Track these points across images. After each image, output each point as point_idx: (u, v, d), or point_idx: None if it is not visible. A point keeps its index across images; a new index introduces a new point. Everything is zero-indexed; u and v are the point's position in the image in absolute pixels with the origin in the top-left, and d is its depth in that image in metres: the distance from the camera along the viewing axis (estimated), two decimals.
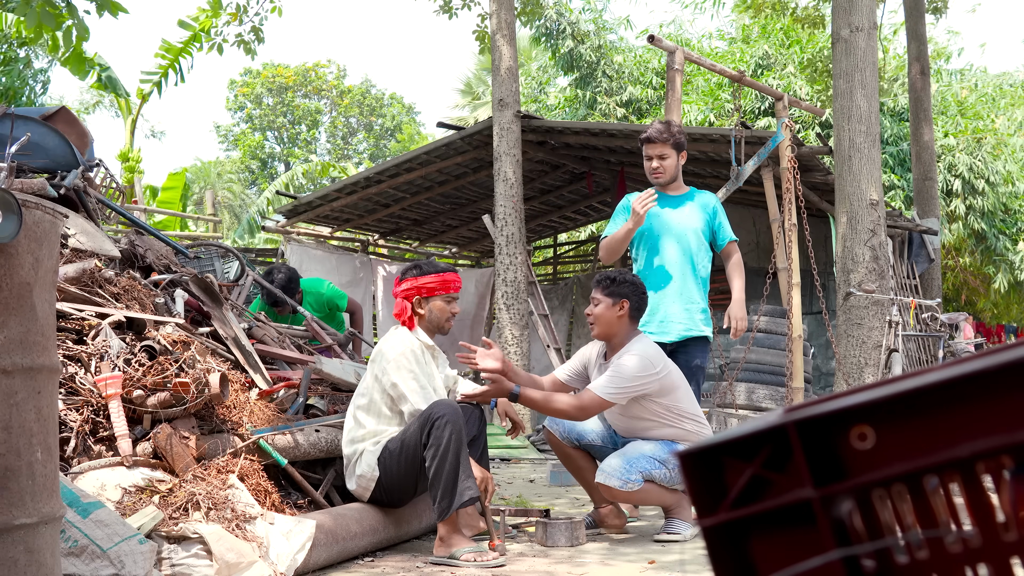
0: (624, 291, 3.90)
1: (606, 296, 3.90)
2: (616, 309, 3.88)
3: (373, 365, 3.69)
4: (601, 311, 3.90)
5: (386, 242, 13.43)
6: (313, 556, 3.08)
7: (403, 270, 3.86)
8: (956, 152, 13.52)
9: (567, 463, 4.17)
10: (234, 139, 35.16)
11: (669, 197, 4.58)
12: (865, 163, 7.09)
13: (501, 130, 8.74)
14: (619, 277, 3.95)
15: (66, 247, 3.74)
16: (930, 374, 0.70)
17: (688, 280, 4.49)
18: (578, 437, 4.06)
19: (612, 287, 3.91)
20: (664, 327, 4.43)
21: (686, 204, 4.56)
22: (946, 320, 8.63)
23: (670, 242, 4.49)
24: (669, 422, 3.89)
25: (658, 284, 4.47)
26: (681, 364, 4.29)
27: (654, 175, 4.55)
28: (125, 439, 3.04)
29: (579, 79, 16.84)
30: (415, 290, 3.75)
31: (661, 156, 4.51)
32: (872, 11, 7.30)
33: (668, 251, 4.49)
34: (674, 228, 4.50)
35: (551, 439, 4.13)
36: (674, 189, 4.60)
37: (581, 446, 4.08)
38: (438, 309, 3.76)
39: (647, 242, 4.53)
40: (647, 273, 4.50)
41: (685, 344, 4.44)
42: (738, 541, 0.76)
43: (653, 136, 4.50)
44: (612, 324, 3.89)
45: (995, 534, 0.69)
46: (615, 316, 3.88)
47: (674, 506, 3.90)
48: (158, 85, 14.16)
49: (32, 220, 1.96)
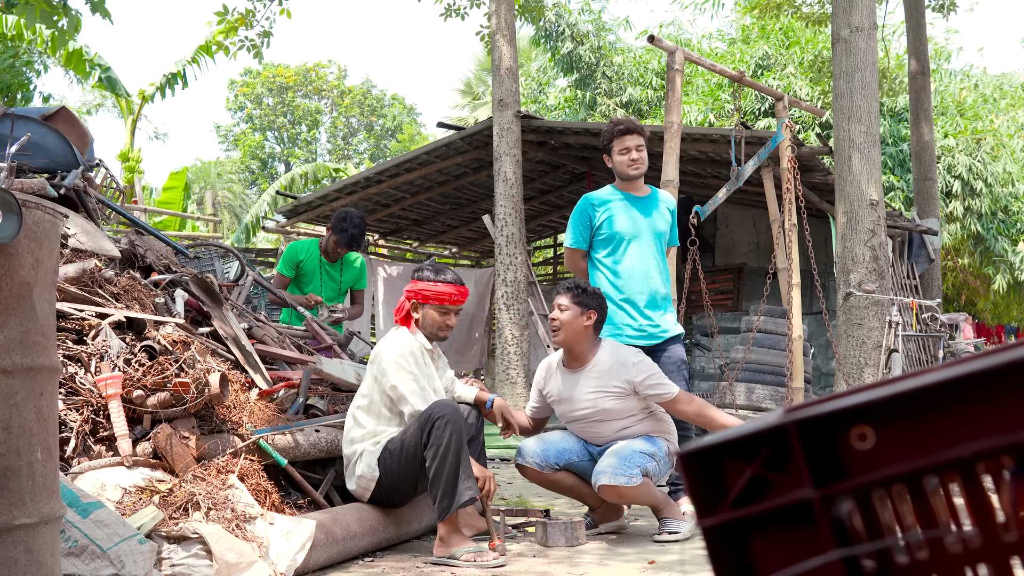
0: (593, 303, 3.95)
1: (575, 304, 3.93)
2: (584, 319, 3.92)
3: (372, 366, 3.69)
4: (569, 318, 3.92)
5: (386, 242, 13.43)
6: (313, 556, 3.08)
7: (417, 268, 3.89)
8: (955, 153, 13.51)
9: (553, 487, 4.11)
10: (234, 139, 35.16)
11: (637, 198, 4.51)
12: (865, 163, 7.09)
13: (501, 130, 8.74)
14: (589, 288, 4.00)
15: (66, 247, 3.74)
16: (930, 374, 0.70)
17: (660, 282, 4.47)
18: (556, 459, 4.01)
19: (582, 297, 3.94)
20: (648, 332, 4.41)
21: (652, 205, 4.52)
22: (946, 320, 8.63)
23: (641, 245, 4.45)
24: (642, 416, 3.97)
25: (634, 287, 4.41)
26: (666, 362, 4.29)
27: (634, 166, 4.45)
28: (125, 439, 3.04)
29: (579, 80, 16.84)
30: (414, 293, 3.76)
31: (639, 147, 4.45)
32: (872, 11, 7.29)
33: (640, 254, 4.44)
34: (644, 231, 4.45)
35: (529, 473, 4.03)
36: (639, 189, 4.53)
37: (561, 467, 4.04)
38: (430, 318, 3.75)
39: (619, 245, 4.47)
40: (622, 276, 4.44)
41: (665, 344, 4.44)
42: (738, 541, 0.76)
43: (632, 127, 4.44)
44: (579, 333, 3.93)
45: (995, 534, 0.69)
46: (582, 325, 3.92)
47: (663, 505, 3.92)
48: (161, 89, 14.20)
49: (32, 220, 1.96)
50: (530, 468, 4.01)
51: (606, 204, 4.50)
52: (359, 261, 6.21)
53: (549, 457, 4.00)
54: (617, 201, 4.50)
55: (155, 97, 14.36)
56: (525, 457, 4.01)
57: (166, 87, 14.13)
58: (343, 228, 5.77)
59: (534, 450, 4.00)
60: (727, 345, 10.46)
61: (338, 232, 5.79)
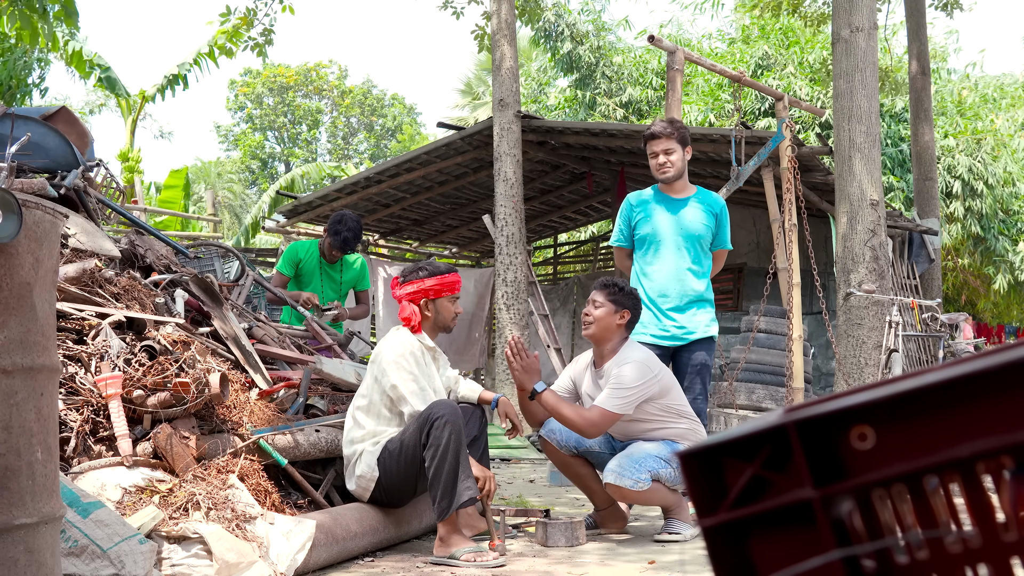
0: (628, 302, 3.94)
1: (610, 302, 3.93)
2: (617, 316, 3.92)
3: (372, 366, 3.69)
4: (602, 314, 3.92)
5: (386, 242, 13.43)
6: (313, 556, 3.08)
7: (404, 272, 3.86)
8: (956, 153, 13.50)
9: (566, 470, 4.15)
10: (234, 139, 35.16)
11: (672, 200, 4.54)
12: (865, 163, 7.09)
13: (501, 130, 8.74)
14: (625, 287, 4.00)
15: (66, 247, 3.74)
16: (930, 374, 0.70)
17: (691, 284, 4.48)
18: (576, 444, 4.04)
19: (618, 295, 3.94)
20: (672, 334, 4.43)
21: (689, 206, 4.53)
22: (946, 320, 8.62)
23: (670, 247, 4.47)
24: (666, 422, 3.93)
25: (659, 288, 4.46)
26: (686, 364, 4.29)
27: (661, 171, 4.49)
28: (125, 439, 3.04)
29: (578, 80, 16.85)
30: (422, 292, 3.75)
31: (667, 151, 4.46)
32: (872, 11, 7.30)
33: (668, 255, 4.47)
34: (677, 233, 4.47)
35: (548, 448, 4.10)
36: (679, 190, 4.55)
37: (580, 453, 4.08)
38: (444, 309, 3.79)
39: (651, 247, 4.51)
40: (651, 278, 4.48)
41: (690, 345, 4.45)
42: (738, 541, 0.76)
43: (657, 132, 4.47)
44: (610, 329, 3.93)
45: (995, 534, 0.69)
46: (614, 323, 3.92)
47: (674, 507, 3.91)
48: (162, 90, 14.21)
49: (32, 220, 1.96)
50: (551, 444, 4.07)
51: (643, 205, 4.57)
52: (359, 261, 6.21)
53: (571, 438, 4.03)
54: (652, 203, 4.56)
55: (156, 98, 14.37)
56: (549, 431, 4.05)
57: (167, 88, 14.15)
58: (337, 231, 5.80)
59: (559, 427, 4.02)
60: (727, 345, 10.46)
61: (332, 235, 5.82)
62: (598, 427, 3.80)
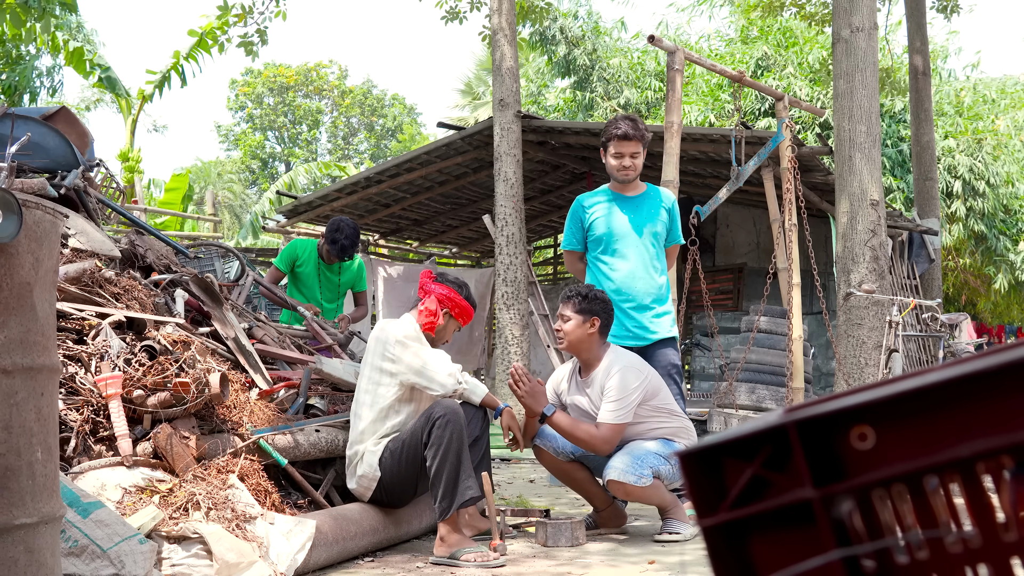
0: (595, 308, 3.94)
1: (577, 313, 3.93)
2: (587, 326, 3.92)
3: (377, 348, 3.68)
4: (571, 328, 3.93)
5: (386, 242, 13.43)
6: (313, 556, 3.08)
7: (444, 275, 3.91)
8: (956, 153, 13.50)
9: (563, 476, 4.14)
10: (235, 139, 35.15)
11: (627, 198, 4.50)
12: (866, 163, 7.09)
13: (502, 130, 8.74)
14: (590, 294, 3.99)
15: (66, 247, 3.74)
16: (930, 374, 0.70)
17: (650, 282, 4.46)
18: (572, 449, 4.04)
19: (584, 304, 3.94)
20: (634, 333, 4.41)
21: (644, 204, 4.50)
22: (946, 320, 8.62)
23: (629, 245, 4.44)
24: (660, 421, 3.96)
25: (621, 288, 4.42)
26: (656, 366, 4.28)
27: (624, 173, 4.45)
28: (125, 439, 3.04)
29: (576, 83, 16.86)
30: (450, 302, 3.81)
31: (634, 154, 4.42)
32: (872, 11, 7.29)
33: (627, 254, 4.44)
34: (633, 231, 4.44)
35: (543, 456, 4.09)
36: (632, 188, 4.52)
37: (576, 458, 4.08)
38: (449, 329, 3.86)
39: (608, 246, 4.47)
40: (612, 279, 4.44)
41: (655, 347, 4.43)
42: (738, 541, 0.76)
43: (630, 133, 4.38)
44: (583, 340, 3.93)
45: (995, 534, 0.69)
46: (585, 333, 3.92)
47: (671, 507, 3.93)
48: (160, 86, 14.20)
49: (32, 220, 1.96)
50: (546, 452, 4.06)
51: (595, 205, 4.52)
52: (356, 263, 6.22)
53: (567, 445, 4.02)
54: (607, 202, 4.51)
55: (154, 96, 14.36)
56: (544, 440, 4.04)
57: (164, 83, 14.13)
58: (335, 240, 5.80)
59: (553, 434, 4.01)
60: (727, 345, 10.45)
61: (330, 243, 5.84)
62: (610, 443, 3.82)
